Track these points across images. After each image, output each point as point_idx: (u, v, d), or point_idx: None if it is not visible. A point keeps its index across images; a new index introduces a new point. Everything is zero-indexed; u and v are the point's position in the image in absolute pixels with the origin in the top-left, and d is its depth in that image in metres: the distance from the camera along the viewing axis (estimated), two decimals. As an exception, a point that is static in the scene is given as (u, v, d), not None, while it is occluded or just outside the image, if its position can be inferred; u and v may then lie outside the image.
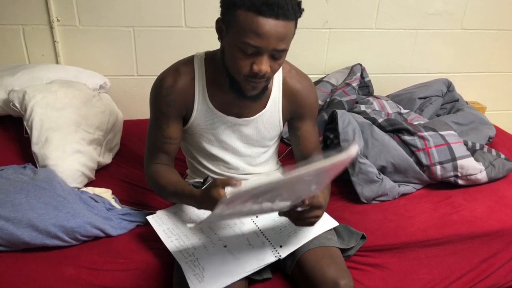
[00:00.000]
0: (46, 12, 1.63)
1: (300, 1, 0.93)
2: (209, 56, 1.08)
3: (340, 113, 1.44)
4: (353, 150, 0.79)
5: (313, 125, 1.19)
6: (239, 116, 1.11)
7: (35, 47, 1.69)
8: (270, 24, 0.88)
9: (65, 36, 1.69)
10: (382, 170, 1.37)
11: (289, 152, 1.55)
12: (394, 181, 1.37)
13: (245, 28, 0.88)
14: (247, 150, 1.18)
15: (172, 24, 1.74)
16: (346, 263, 1.10)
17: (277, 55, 0.93)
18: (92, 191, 1.29)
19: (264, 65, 0.92)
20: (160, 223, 1.07)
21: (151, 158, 1.13)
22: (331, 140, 1.47)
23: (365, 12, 1.87)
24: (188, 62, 1.09)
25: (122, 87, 1.80)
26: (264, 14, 0.87)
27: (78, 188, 1.30)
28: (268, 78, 0.98)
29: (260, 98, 1.05)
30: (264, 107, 1.12)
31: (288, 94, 1.13)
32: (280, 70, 1.11)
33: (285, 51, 0.94)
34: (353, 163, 1.33)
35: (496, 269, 1.22)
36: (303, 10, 0.94)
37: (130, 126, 1.67)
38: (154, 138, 1.11)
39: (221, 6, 0.94)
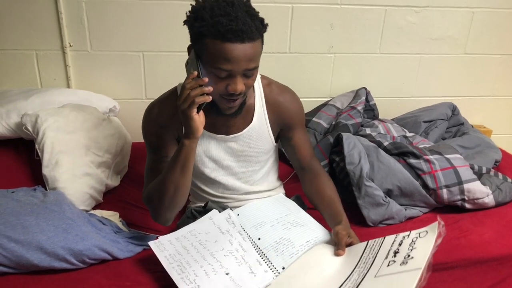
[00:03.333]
0: (59, 38, 1.69)
1: (263, 18, 0.98)
2: None
3: (345, 136, 1.45)
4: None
5: (304, 133, 1.24)
6: (227, 134, 1.14)
7: (48, 71, 1.74)
8: (238, 49, 0.92)
9: (76, 60, 1.74)
10: (388, 193, 1.37)
11: (294, 176, 1.56)
12: (401, 205, 1.37)
13: (215, 55, 0.93)
14: (242, 168, 1.20)
15: (180, 49, 1.78)
16: (353, 288, 1.09)
17: (249, 73, 0.98)
18: (100, 214, 1.30)
19: (238, 85, 0.97)
20: (162, 249, 1.06)
21: (148, 182, 1.12)
22: (337, 163, 1.48)
23: (369, 37, 1.91)
24: (172, 92, 1.14)
25: (131, 110, 1.83)
26: (230, 40, 0.91)
27: (87, 211, 1.31)
28: (244, 94, 1.02)
29: (240, 113, 1.09)
30: (251, 121, 1.15)
31: (272, 107, 1.17)
32: (260, 85, 1.16)
33: (256, 68, 0.99)
34: (359, 186, 1.34)
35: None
36: (267, 24, 0.99)
37: (138, 149, 1.69)
38: (153, 162, 1.12)
39: (190, 34, 0.99)
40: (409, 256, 0.85)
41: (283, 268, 1.01)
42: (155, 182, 1.07)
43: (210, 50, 0.93)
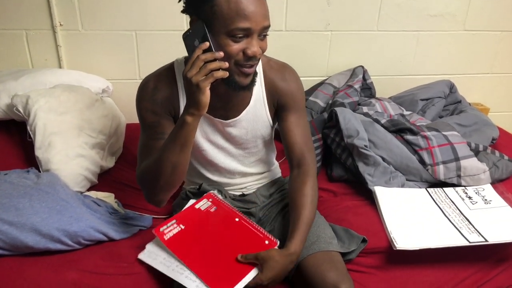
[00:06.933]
0: (49, 17, 1.64)
1: None
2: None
3: (339, 110, 1.44)
4: None
5: (300, 118, 1.13)
6: (225, 118, 1.10)
7: (38, 51, 1.70)
8: (254, 3, 0.88)
9: (68, 40, 1.70)
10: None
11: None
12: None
13: (230, 14, 0.87)
14: (239, 151, 1.17)
15: (174, 28, 1.75)
16: (349, 265, 1.10)
17: (265, 33, 0.94)
18: (95, 195, 1.29)
19: (256, 47, 0.92)
20: (154, 256, 1.02)
21: (142, 160, 1.04)
22: (331, 138, 1.47)
23: (367, 15, 1.87)
24: (169, 67, 1.08)
25: (124, 91, 1.80)
26: None
27: (81, 192, 1.31)
28: (258, 60, 0.97)
29: (253, 86, 1.03)
30: (248, 103, 1.11)
31: (269, 85, 1.12)
32: (260, 63, 1.10)
33: (269, 27, 0.94)
34: (360, 155, 1.34)
35: (500, 272, 1.21)
36: None
37: (132, 130, 1.68)
38: (147, 139, 1.04)
39: (191, 4, 0.92)
40: (486, 200, 1.21)
41: None
42: (150, 161, 0.99)
43: (223, 10, 0.87)
